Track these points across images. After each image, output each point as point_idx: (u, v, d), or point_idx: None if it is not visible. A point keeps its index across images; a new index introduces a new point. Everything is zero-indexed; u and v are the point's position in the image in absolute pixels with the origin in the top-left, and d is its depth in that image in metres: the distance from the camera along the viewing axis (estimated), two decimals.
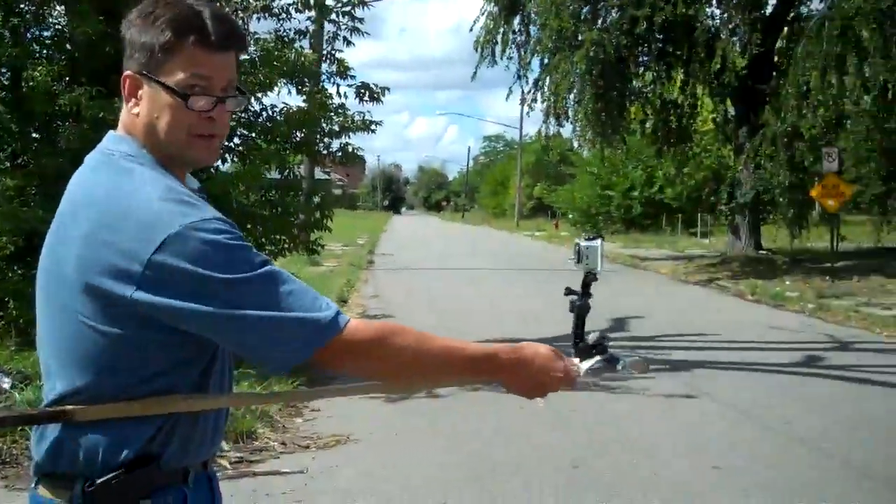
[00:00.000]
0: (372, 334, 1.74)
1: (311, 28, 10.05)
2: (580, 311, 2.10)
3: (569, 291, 2.14)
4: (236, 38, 1.82)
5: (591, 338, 2.04)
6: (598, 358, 2.02)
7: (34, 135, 8.78)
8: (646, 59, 23.90)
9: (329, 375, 6.40)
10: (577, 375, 1.97)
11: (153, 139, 1.79)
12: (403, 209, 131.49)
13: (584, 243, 2.11)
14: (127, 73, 1.80)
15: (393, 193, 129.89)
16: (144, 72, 1.77)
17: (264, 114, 9.28)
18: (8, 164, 8.71)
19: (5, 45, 7.91)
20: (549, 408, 7.85)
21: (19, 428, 5.46)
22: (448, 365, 1.84)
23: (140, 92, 1.79)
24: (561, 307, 2.26)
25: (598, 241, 2.11)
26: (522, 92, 24.66)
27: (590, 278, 2.11)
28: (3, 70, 8.46)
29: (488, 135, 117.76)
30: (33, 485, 1.85)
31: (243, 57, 8.95)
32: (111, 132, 1.87)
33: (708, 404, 8.05)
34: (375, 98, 9.40)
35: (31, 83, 8.02)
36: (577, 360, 2.00)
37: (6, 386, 6.34)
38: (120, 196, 1.70)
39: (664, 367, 9.71)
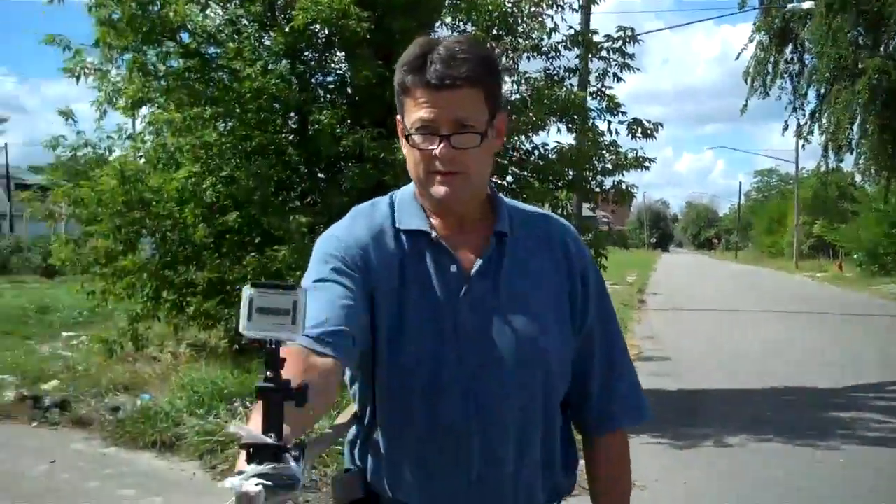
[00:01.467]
0: None
1: (580, 65, 10.00)
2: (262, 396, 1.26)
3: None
4: (459, 77, 1.78)
5: (247, 433, 1.21)
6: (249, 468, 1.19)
7: (320, 175, 9.27)
8: None
9: None
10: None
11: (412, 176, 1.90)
12: (671, 247, 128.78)
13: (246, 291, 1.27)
14: (398, 116, 1.89)
15: (660, 230, 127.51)
16: (398, 116, 1.86)
17: (536, 152, 9.34)
18: (298, 203, 9.24)
19: (293, 90, 8.44)
20: (848, 465, 7.33)
21: None
22: None
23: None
24: (847, 351, 2.01)
25: (247, 289, 1.26)
26: (798, 124, 23.48)
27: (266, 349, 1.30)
28: (292, 114, 9.02)
29: (759, 169, 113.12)
30: None
31: (514, 97, 9.10)
32: None
33: None
34: (648, 134, 9.19)
35: (316, 126, 8.48)
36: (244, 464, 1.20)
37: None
38: None
39: None
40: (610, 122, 9.45)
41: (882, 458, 7.54)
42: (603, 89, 9.51)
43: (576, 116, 9.24)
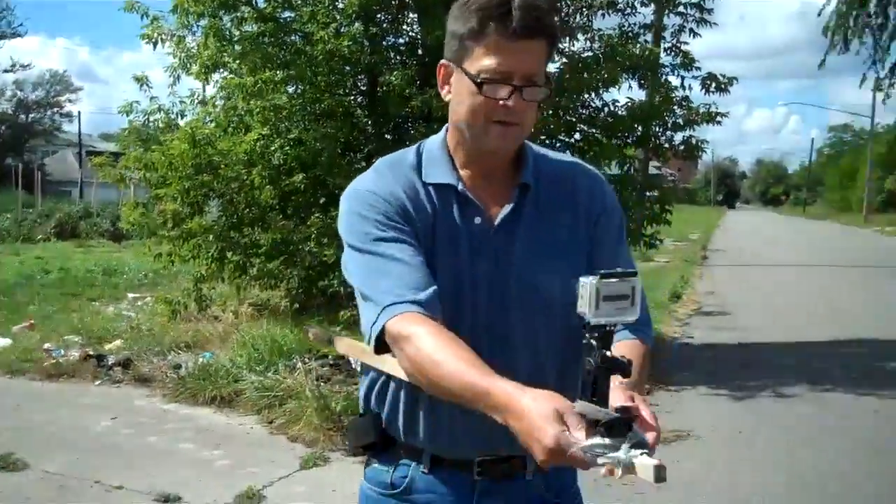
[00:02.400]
0: (404, 332, 1.70)
1: (655, 21, 9.83)
2: (590, 372, 1.49)
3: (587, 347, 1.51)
4: (541, 28, 1.79)
5: (587, 409, 1.46)
6: (604, 441, 1.42)
7: (387, 136, 9.27)
8: None
9: None
10: (571, 454, 1.43)
11: (456, 124, 1.88)
12: (738, 204, 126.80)
13: (581, 279, 1.48)
14: (442, 62, 1.89)
15: (727, 188, 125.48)
16: (453, 60, 1.84)
17: (606, 109, 9.21)
18: (364, 164, 9.26)
19: (365, 52, 8.42)
20: None
21: None
22: (452, 386, 1.64)
23: (451, 79, 1.86)
24: None
25: (592, 279, 1.46)
26: (877, 78, 22.84)
27: (591, 330, 1.49)
28: (362, 76, 9.02)
29: (834, 125, 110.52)
30: None
31: (587, 54, 8.98)
32: None
33: None
34: (722, 89, 9.02)
35: (386, 87, 8.48)
36: (581, 434, 1.44)
37: None
38: None
39: None
40: (683, 78, 9.29)
41: None
42: (678, 45, 9.33)
43: (648, 72, 9.09)
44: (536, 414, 1.49)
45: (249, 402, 7.01)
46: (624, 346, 1.81)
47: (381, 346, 1.77)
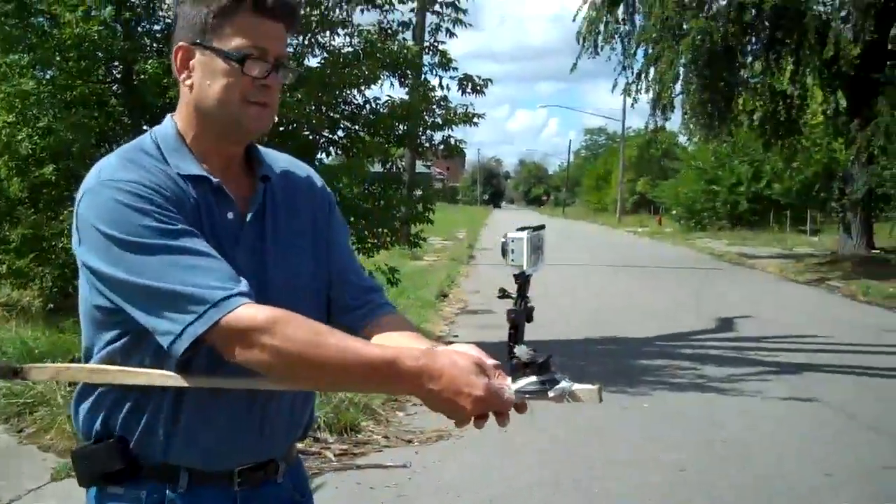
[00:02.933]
0: (261, 321, 1.59)
1: (415, 19, 10.01)
2: (515, 319, 1.63)
3: (503, 294, 1.68)
4: (292, 10, 1.80)
5: (525, 353, 1.59)
6: (533, 379, 1.57)
7: (145, 126, 8.93)
8: (754, 48, 23.21)
9: None
10: (506, 398, 1.56)
11: (203, 109, 1.77)
12: (503, 203, 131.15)
13: (510, 235, 1.63)
14: (179, 44, 1.78)
15: (493, 188, 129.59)
16: (197, 40, 1.74)
17: (367, 106, 9.29)
18: None
19: (118, 38, 8.09)
20: (654, 408, 7.73)
21: None
22: (342, 367, 1.59)
23: (192, 62, 1.76)
24: (663, 301, 2.11)
25: (525, 234, 1.62)
26: (626, 83, 24.26)
27: (521, 279, 1.64)
28: (116, 63, 8.65)
29: (590, 128, 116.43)
30: None
31: (347, 50, 9.01)
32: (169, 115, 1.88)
33: (819, 409, 7.75)
34: (478, 90, 9.32)
35: (142, 76, 8.18)
36: (508, 380, 1.58)
37: None
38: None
39: (773, 369, 9.46)
40: (441, 78, 9.51)
41: (685, 402, 8.00)
42: (436, 44, 9.54)
43: (408, 71, 9.24)
44: (459, 370, 1.56)
45: None
46: (396, 321, 1.90)
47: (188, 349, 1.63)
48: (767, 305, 15.32)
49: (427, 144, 9.60)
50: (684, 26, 21.38)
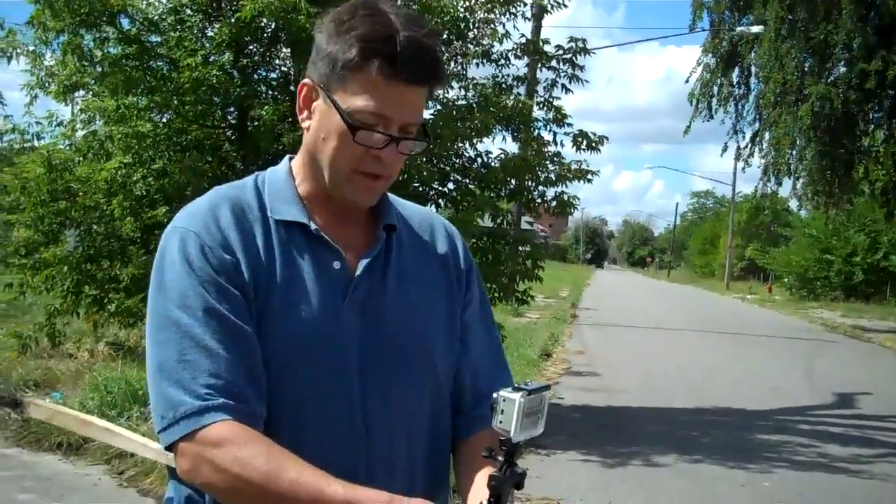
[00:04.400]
0: (204, 438, 1.44)
1: (528, 74, 9.89)
2: (496, 488, 1.40)
3: (489, 455, 1.43)
4: (429, 73, 1.57)
5: None
6: None
7: (257, 172, 8.96)
8: (877, 115, 22.54)
9: None
10: None
11: (316, 159, 1.62)
12: (606, 263, 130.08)
13: (502, 394, 1.38)
14: (305, 80, 1.63)
15: (596, 247, 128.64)
16: (321, 85, 1.58)
17: (479, 160, 9.15)
18: None
19: (235, 84, 8.14)
20: (775, 486, 7.28)
21: None
22: (296, 501, 1.41)
23: (314, 105, 1.61)
24: (775, 373, 1.84)
25: (518, 396, 1.36)
26: (738, 147, 23.76)
27: (508, 446, 1.39)
28: (232, 109, 8.72)
29: (697, 191, 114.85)
30: None
31: (461, 103, 8.91)
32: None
33: None
34: (593, 147, 9.07)
35: (256, 122, 8.21)
36: None
37: None
38: None
39: None
40: (555, 134, 9.31)
41: (806, 481, 7.53)
42: (550, 100, 9.36)
43: (521, 125, 9.08)
44: None
45: (98, 450, 6.51)
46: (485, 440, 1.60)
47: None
48: (887, 382, 14.53)
49: (539, 200, 9.38)
50: (804, 92, 20.84)
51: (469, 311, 1.75)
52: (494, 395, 1.37)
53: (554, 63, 9.44)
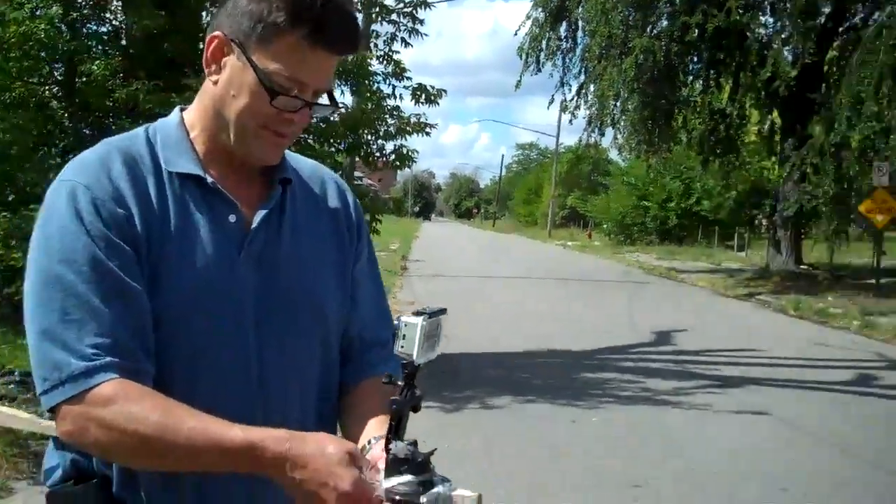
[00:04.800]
0: (91, 398, 1.40)
1: (371, 29, 9.91)
2: (398, 411, 1.41)
3: (388, 380, 1.45)
4: (351, 42, 1.58)
5: (403, 449, 1.39)
6: (408, 478, 1.37)
7: (86, 130, 8.70)
8: (696, 66, 23.63)
9: None
10: (374, 496, 1.36)
11: (221, 114, 1.57)
12: (433, 216, 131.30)
13: (404, 319, 1.40)
14: (217, 33, 1.56)
15: (424, 200, 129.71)
16: (236, 41, 1.53)
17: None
18: (59, 160, 8.65)
19: (64, 38, 7.84)
20: (603, 422, 7.71)
21: None
22: (192, 451, 1.39)
23: (225, 60, 1.56)
24: (597, 314, 2.02)
25: (419, 320, 1.40)
26: (564, 100, 24.41)
27: (409, 368, 1.41)
28: (58, 64, 8.40)
29: (522, 143, 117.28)
30: None
31: None
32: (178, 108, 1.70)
33: (767, 422, 7.83)
34: (432, 100, 9.23)
35: (86, 77, 7.94)
36: (381, 475, 1.39)
37: None
38: None
39: (717, 382, 9.54)
40: (395, 87, 9.39)
41: (631, 416, 8.01)
42: (390, 53, 9.44)
43: (360, 79, 9.12)
44: (327, 459, 1.36)
45: None
46: (373, 389, 1.67)
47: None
48: (701, 319, 15.48)
49: (378, 154, 9.47)
50: (628, 45, 21.59)
51: (359, 266, 1.78)
52: (395, 321, 1.40)
53: (394, 17, 9.49)
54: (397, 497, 1.35)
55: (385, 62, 9.42)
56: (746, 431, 7.53)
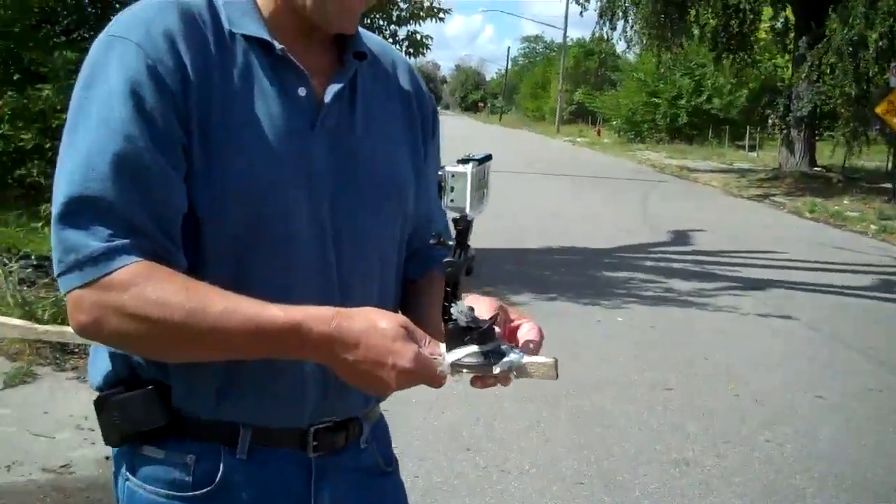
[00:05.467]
0: (126, 280, 1.22)
1: None
2: (453, 273, 1.26)
3: (437, 242, 1.29)
4: None
5: (465, 317, 1.24)
6: (473, 349, 1.23)
7: (90, 8, 8.37)
8: None
9: None
10: (439, 372, 1.22)
11: None
12: (439, 108, 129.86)
13: (450, 169, 1.23)
14: None
15: (431, 92, 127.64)
16: None
17: None
18: (63, 38, 8.32)
19: None
20: (628, 322, 7.54)
21: None
22: (227, 336, 1.22)
23: None
24: (613, 211, 1.79)
25: (469, 168, 1.23)
26: None
27: (462, 224, 1.26)
28: None
29: (527, 35, 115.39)
30: None
31: None
32: None
33: (796, 327, 7.65)
34: None
35: None
36: (442, 349, 1.24)
37: None
38: None
39: (739, 284, 9.36)
40: None
41: (656, 314, 7.86)
42: None
43: None
44: (381, 336, 1.19)
45: None
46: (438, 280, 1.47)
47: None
48: (717, 219, 15.29)
49: (391, 39, 9.10)
50: None
51: (428, 160, 1.60)
52: (440, 172, 1.23)
53: None
54: (465, 370, 1.23)
55: None
56: (773, 336, 7.35)
